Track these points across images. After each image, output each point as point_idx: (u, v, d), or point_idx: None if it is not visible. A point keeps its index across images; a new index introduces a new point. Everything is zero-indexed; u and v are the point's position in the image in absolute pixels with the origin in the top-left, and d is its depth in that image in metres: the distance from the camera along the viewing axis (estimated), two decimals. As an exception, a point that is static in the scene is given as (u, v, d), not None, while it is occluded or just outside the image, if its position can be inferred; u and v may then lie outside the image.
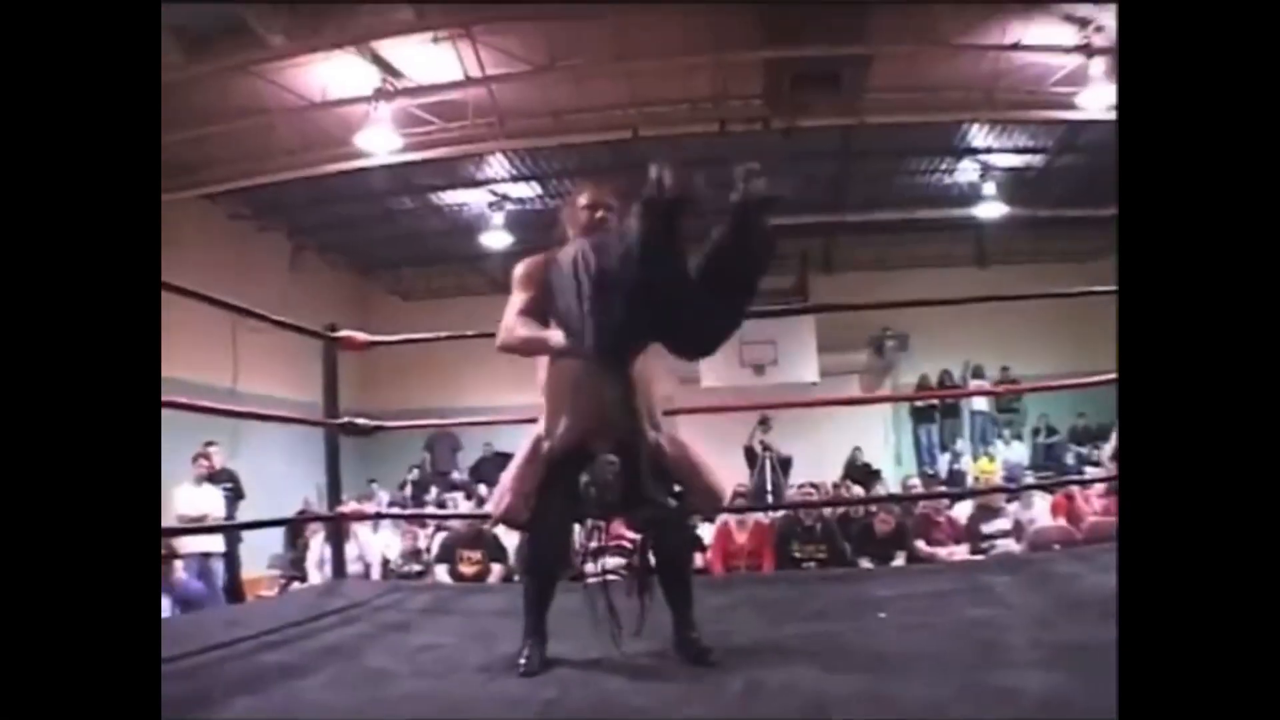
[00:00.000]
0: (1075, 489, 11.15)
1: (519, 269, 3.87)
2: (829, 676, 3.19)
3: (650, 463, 3.44)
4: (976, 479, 16.41)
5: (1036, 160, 16.44)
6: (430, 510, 15.12)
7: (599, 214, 3.80)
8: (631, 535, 3.80)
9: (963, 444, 18.71)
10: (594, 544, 3.75)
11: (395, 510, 14.73)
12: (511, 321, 3.70)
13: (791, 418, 15.93)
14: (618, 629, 3.50)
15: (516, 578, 8.27)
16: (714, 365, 17.44)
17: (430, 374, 19.02)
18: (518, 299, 3.75)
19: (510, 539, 9.11)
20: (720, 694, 3.04)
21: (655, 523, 3.58)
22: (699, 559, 8.32)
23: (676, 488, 3.63)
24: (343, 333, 6.39)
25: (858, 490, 14.23)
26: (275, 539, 13.43)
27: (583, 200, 3.88)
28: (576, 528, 3.76)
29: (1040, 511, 11.04)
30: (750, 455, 15.53)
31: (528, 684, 3.27)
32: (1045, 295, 13.61)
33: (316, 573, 10.29)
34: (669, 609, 3.59)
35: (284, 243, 18.52)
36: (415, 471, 18.95)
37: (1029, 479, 15.26)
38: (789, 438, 15.96)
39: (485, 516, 10.10)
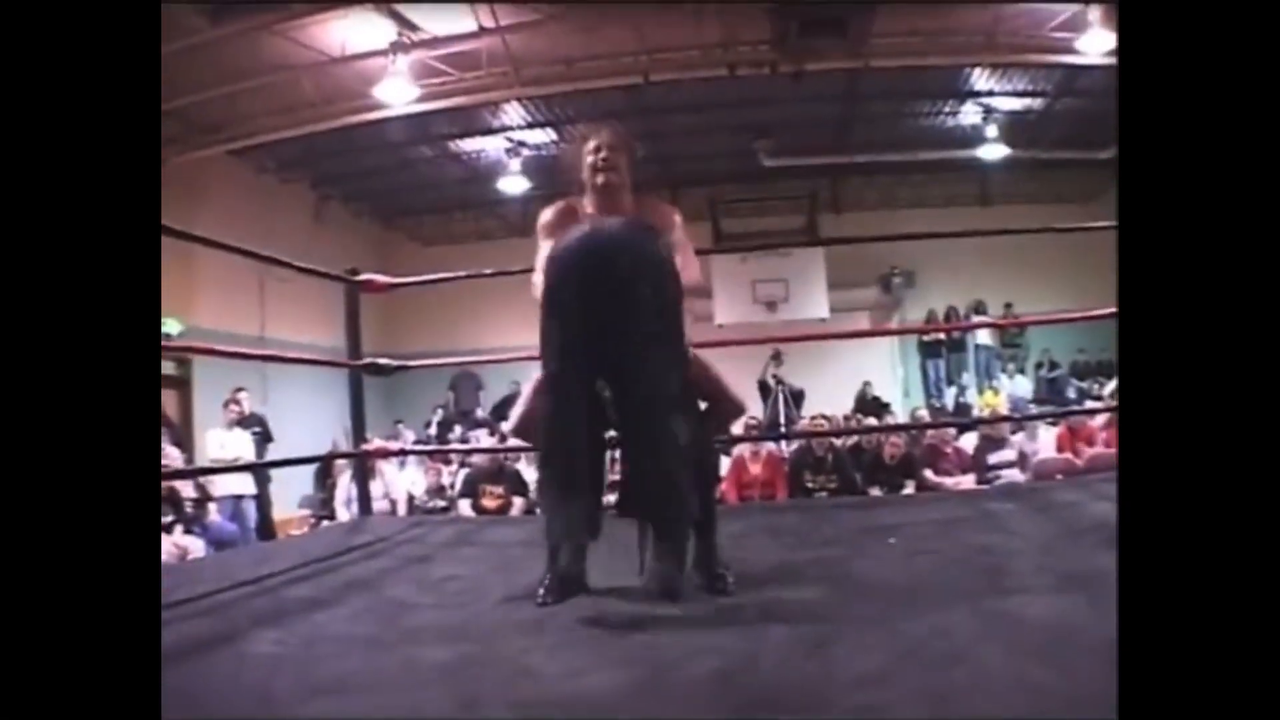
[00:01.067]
0: (1083, 423, 11.07)
1: (544, 216, 3.80)
2: (841, 600, 3.17)
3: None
4: (981, 411, 16.39)
5: (1037, 104, 16.31)
6: (454, 446, 15.14)
7: (604, 155, 3.71)
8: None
9: (968, 378, 18.69)
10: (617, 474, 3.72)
11: (419, 447, 14.75)
12: (540, 277, 3.56)
13: (803, 352, 15.93)
14: (641, 556, 3.45)
15: (538, 510, 8.29)
16: (727, 302, 17.48)
17: (452, 316, 19.01)
18: (545, 250, 3.62)
19: (530, 473, 9.12)
20: (735, 618, 3.01)
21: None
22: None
23: (702, 404, 3.59)
24: (364, 276, 6.37)
25: (869, 422, 14.22)
26: (306, 481, 13.50)
27: (589, 145, 3.77)
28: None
29: (1044, 443, 11.02)
30: (764, 389, 15.57)
31: (545, 613, 3.23)
32: (1046, 230, 13.55)
33: (345, 511, 10.32)
34: (693, 531, 3.53)
35: (308, 194, 18.51)
36: (440, 411, 18.98)
37: (1032, 411, 15.22)
38: (801, 372, 16.00)
39: (506, 452, 10.15)
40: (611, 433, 3.45)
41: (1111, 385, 14.99)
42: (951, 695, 2.23)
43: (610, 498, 3.86)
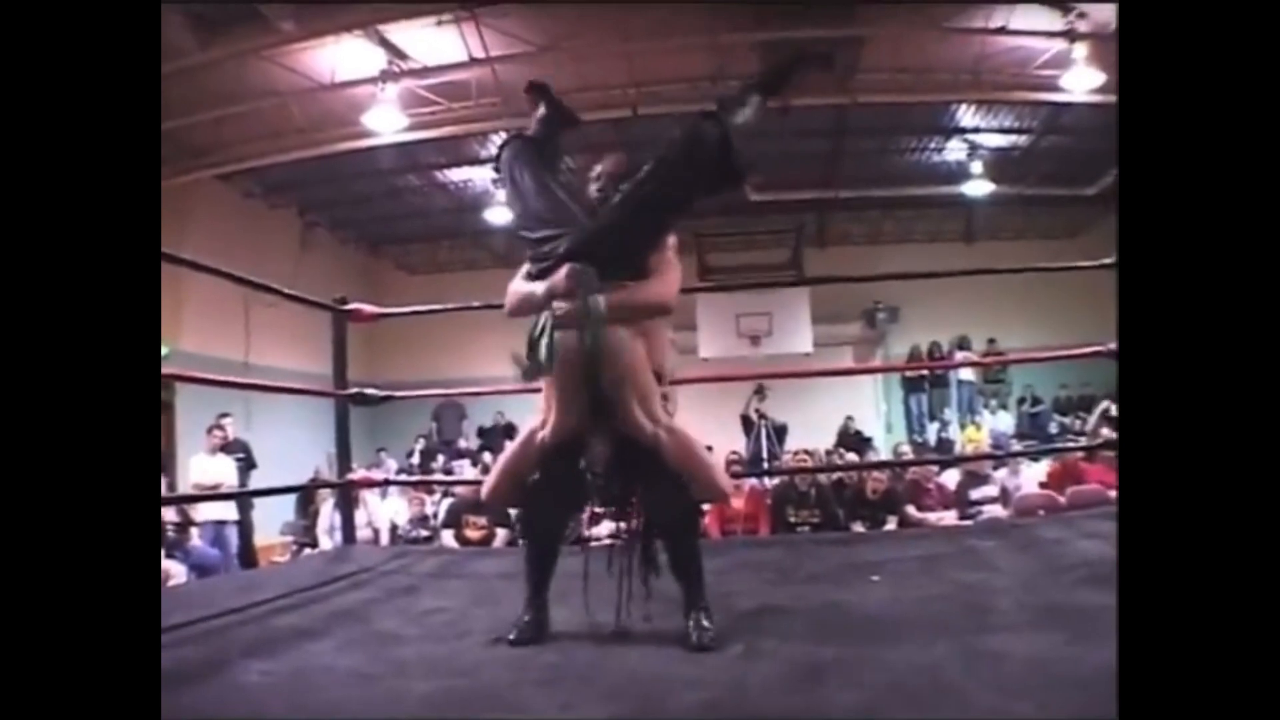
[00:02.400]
0: (1075, 461, 11.06)
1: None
2: (825, 636, 3.18)
3: (646, 457, 3.37)
4: (964, 447, 16.43)
5: (1022, 140, 16.45)
6: (437, 477, 15.11)
7: (601, 185, 3.72)
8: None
9: (951, 413, 18.72)
10: (597, 511, 3.74)
11: (403, 477, 14.71)
12: (513, 284, 3.64)
13: (786, 387, 15.99)
14: (624, 597, 3.46)
15: (520, 542, 8.28)
16: (711, 336, 17.51)
17: (436, 346, 19.01)
18: (525, 266, 3.67)
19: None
20: (718, 658, 3.02)
21: (656, 509, 3.51)
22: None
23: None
24: (352, 305, 6.36)
25: (851, 458, 14.23)
26: (287, 507, 13.45)
27: (594, 172, 3.79)
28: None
29: (1026, 479, 11.04)
30: (747, 423, 15.61)
31: (531, 647, 3.25)
32: (1030, 269, 13.61)
33: (327, 539, 10.29)
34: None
35: (295, 221, 18.54)
36: (422, 441, 18.93)
37: (1015, 447, 15.26)
38: (784, 406, 16.03)
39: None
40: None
41: (1092, 419, 15.01)
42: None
43: (597, 530, 3.89)
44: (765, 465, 14.10)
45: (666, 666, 2.93)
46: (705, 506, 8.87)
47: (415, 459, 18.01)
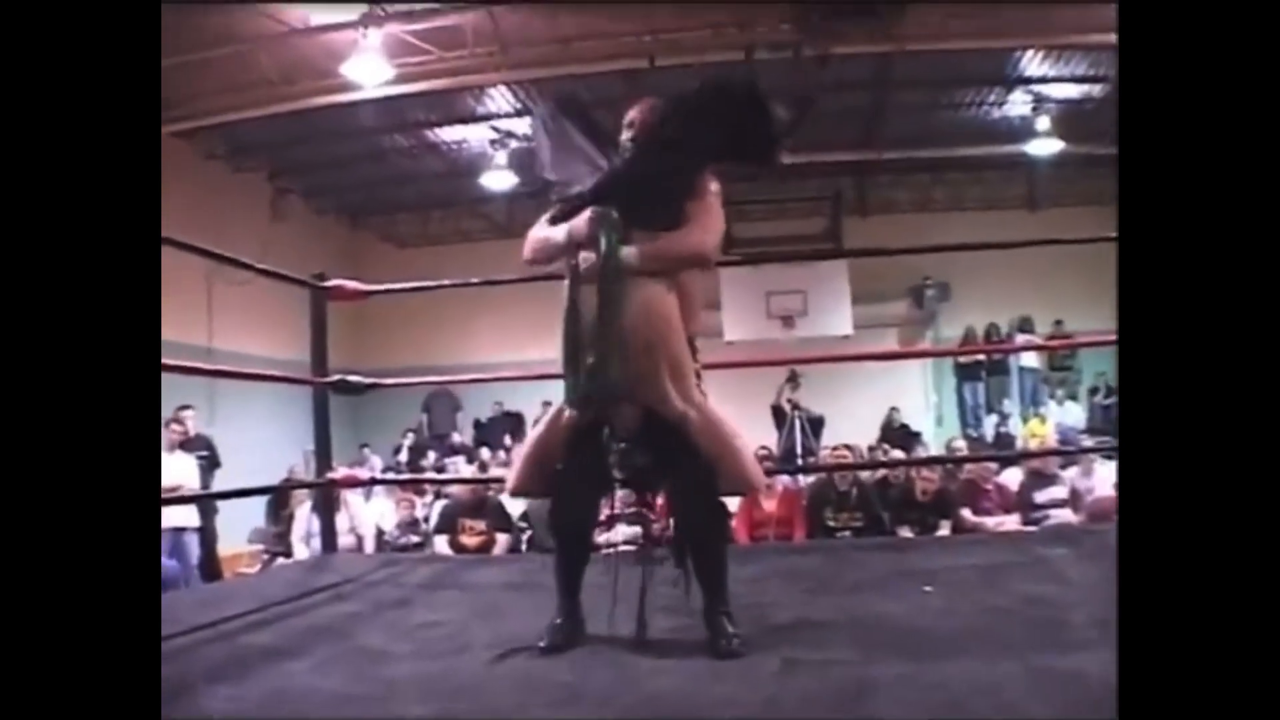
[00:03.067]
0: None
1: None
2: (869, 654, 3.18)
3: (676, 438, 3.42)
4: (1026, 442, 16.36)
5: (1097, 90, 16.12)
6: (428, 475, 15.10)
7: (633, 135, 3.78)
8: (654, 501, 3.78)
9: (1011, 404, 18.58)
10: (613, 511, 3.78)
11: (390, 476, 14.70)
12: (533, 230, 3.74)
13: (823, 374, 15.90)
14: (641, 607, 3.49)
15: (524, 548, 8.29)
16: (738, 317, 17.41)
17: (426, 326, 19.04)
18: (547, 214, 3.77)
19: (515, 506, 9.12)
20: (752, 675, 3.03)
21: (679, 499, 3.56)
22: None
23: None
24: (332, 282, 6.36)
25: (896, 454, 14.19)
26: (257, 511, 13.42)
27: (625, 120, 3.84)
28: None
29: (1101, 479, 11.00)
30: (778, 414, 15.53)
31: (542, 665, 3.26)
32: (1103, 239, 13.51)
33: (303, 547, 10.30)
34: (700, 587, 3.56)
35: (265, 186, 18.50)
36: (411, 435, 18.95)
37: (1086, 443, 15.21)
38: (820, 396, 15.94)
39: (488, 482, 10.13)
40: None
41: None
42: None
43: (613, 535, 3.93)
44: (800, 462, 14.08)
45: (695, 684, 2.94)
46: (732, 507, 8.94)
47: (403, 455, 18.03)
